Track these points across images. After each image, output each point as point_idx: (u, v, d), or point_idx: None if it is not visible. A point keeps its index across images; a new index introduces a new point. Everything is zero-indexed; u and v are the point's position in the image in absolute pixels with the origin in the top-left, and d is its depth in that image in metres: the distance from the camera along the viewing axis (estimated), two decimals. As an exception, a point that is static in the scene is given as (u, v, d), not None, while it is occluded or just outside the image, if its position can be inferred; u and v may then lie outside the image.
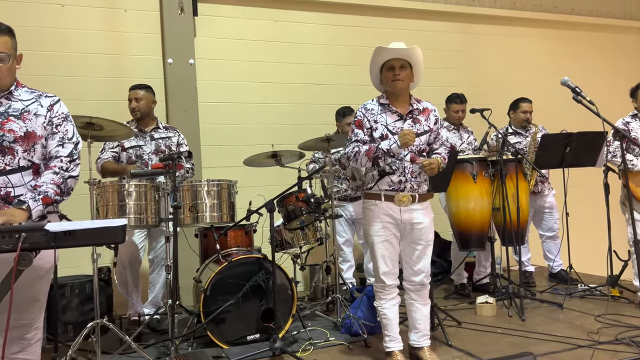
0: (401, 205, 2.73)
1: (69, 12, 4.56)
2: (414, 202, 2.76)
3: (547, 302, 4.06)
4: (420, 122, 2.82)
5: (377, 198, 2.77)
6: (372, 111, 2.81)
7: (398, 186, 2.74)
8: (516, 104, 4.75)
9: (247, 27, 5.12)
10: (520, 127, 4.74)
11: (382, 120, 2.78)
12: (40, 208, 1.99)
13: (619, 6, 6.96)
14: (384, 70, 2.79)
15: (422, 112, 2.85)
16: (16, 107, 2.10)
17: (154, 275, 3.92)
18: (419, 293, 2.85)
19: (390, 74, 2.75)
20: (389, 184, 2.75)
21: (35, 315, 2.11)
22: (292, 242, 3.84)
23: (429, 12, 5.83)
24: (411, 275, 2.83)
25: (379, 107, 2.82)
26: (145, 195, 3.23)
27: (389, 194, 2.75)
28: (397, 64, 2.73)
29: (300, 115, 5.26)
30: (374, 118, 2.79)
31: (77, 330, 3.51)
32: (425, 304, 2.88)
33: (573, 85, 2.85)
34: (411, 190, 2.75)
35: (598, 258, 4.78)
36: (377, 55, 2.78)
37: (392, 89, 2.78)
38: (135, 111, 3.84)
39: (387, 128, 2.77)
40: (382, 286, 2.83)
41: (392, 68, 2.74)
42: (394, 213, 2.74)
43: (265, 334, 3.35)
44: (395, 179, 2.74)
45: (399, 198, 2.72)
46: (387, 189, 2.75)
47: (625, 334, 3.19)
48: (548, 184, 4.74)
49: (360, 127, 2.81)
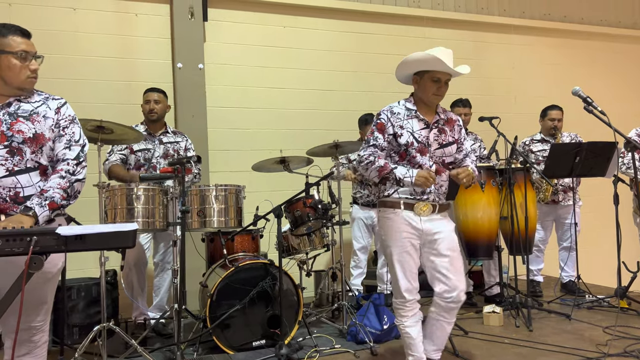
0: (421, 214, 2.57)
1: (81, 16, 4.59)
2: (434, 212, 2.60)
3: (554, 313, 4.03)
4: (446, 133, 2.67)
5: (396, 206, 2.58)
6: (399, 115, 2.64)
7: (420, 196, 2.58)
8: (545, 111, 4.76)
9: (257, 33, 5.14)
10: (548, 135, 4.73)
11: (408, 127, 2.61)
12: (46, 214, 2.00)
13: (629, 16, 6.94)
14: (426, 78, 2.60)
15: (448, 122, 2.71)
16: (25, 109, 2.11)
17: (158, 279, 3.93)
18: (450, 311, 2.63)
19: (435, 86, 2.58)
20: (411, 192, 2.58)
21: (42, 318, 2.11)
22: (299, 248, 3.83)
23: (439, 20, 5.84)
24: (446, 292, 2.57)
25: (405, 111, 2.65)
26: (154, 199, 3.23)
27: (409, 202, 2.57)
28: (444, 79, 2.59)
29: (309, 121, 5.26)
30: (400, 123, 2.62)
31: (83, 333, 3.52)
32: (450, 322, 2.67)
33: (584, 95, 2.83)
34: (433, 201, 2.60)
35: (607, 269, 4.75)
36: (432, 63, 2.54)
37: (429, 101, 2.63)
38: (153, 112, 3.87)
39: (413, 135, 2.60)
40: (402, 302, 2.60)
41: (438, 81, 2.58)
42: (415, 222, 2.57)
43: (271, 340, 3.34)
44: (418, 189, 2.57)
45: (420, 207, 2.56)
46: (407, 197, 2.58)
47: (634, 347, 3.16)
48: (573, 194, 4.65)
49: (382, 131, 2.63)
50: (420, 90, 2.64)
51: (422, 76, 2.61)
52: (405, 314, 2.61)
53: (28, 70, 2.10)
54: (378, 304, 3.56)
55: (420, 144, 2.60)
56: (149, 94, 3.91)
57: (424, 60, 2.56)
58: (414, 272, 2.59)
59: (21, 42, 2.08)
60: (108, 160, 3.84)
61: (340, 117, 5.31)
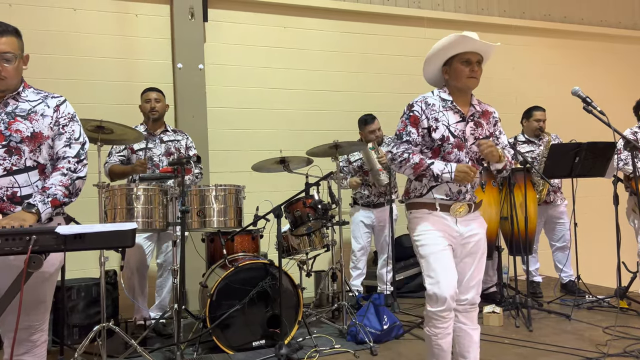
0: (458, 216, 2.37)
1: (81, 16, 4.60)
2: (470, 212, 2.42)
3: (554, 313, 4.03)
4: (483, 127, 2.46)
5: (431, 207, 2.37)
6: (433, 107, 2.40)
7: (457, 196, 2.38)
8: (529, 112, 4.74)
9: (257, 33, 5.15)
10: (533, 136, 4.72)
11: (443, 120, 2.39)
12: (49, 211, 2.00)
13: (629, 17, 6.94)
14: (455, 62, 2.38)
15: (483, 115, 2.49)
16: (23, 108, 2.11)
17: (161, 279, 3.93)
18: (468, 315, 2.44)
19: (467, 68, 2.36)
20: (447, 192, 2.37)
21: (41, 317, 2.11)
22: (299, 248, 3.83)
23: (439, 21, 5.84)
24: (463, 294, 2.40)
25: (440, 102, 2.42)
26: (153, 199, 3.23)
27: (445, 203, 2.37)
28: (474, 59, 2.37)
29: (309, 122, 5.27)
30: (435, 115, 2.39)
31: (82, 333, 3.52)
32: (475, 329, 2.46)
33: (584, 95, 2.83)
34: (469, 200, 2.41)
35: (607, 269, 4.75)
36: (456, 44, 2.35)
37: (465, 85, 2.39)
38: (154, 111, 3.88)
39: (449, 129, 2.38)
40: (441, 311, 2.30)
41: (469, 62, 2.36)
42: (451, 225, 2.37)
43: (271, 340, 3.34)
44: (454, 188, 2.37)
45: (456, 208, 2.36)
46: (443, 197, 2.37)
47: (634, 347, 3.16)
48: (560, 193, 4.71)
49: (416, 125, 2.40)
50: (453, 78, 2.41)
51: (450, 64, 2.41)
52: (442, 325, 2.33)
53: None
54: (378, 304, 3.56)
55: (456, 138, 2.38)
56: (148, 93, 3.93)
57: (447, 45, 2.37)
58: (455, 273, 2.34)
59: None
60: (107, 162, 3.85)
61: (340, 118, 5.31)
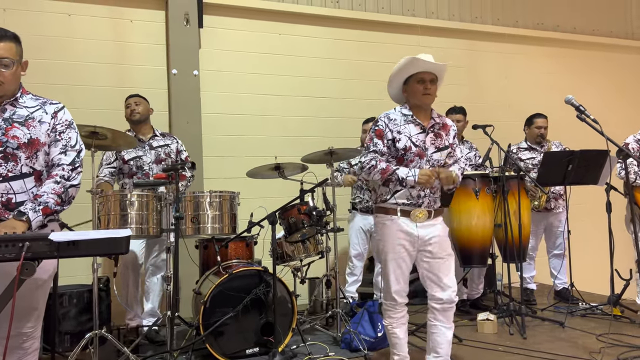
0: (417, 221, 2.65)
1: (76, 21, 4.59)
2: (430, 218, 2.68)
3: (548, 321, 4.04)
4: (442, 137, 2.76)
5: (392, 213, 2.67)
6: (396, 121, 2.72)
7: (416, 200, 2.65)
8: (531, 119, 4.80)
9: (252, 40, 5.15)
10: (535, 143, 4.77)
11: (405, 132, 2.69)
12: (40, 219, 1.98)
13: (621, 26, 7.02)
14: (411, 82, 2.71)
15: (443, 127, 2.79)
16: (21, 114, 2.10)
17: (149, 283, 3.90)
18: (445, 314, 2.69)
19: (421, 87, 2.67)
20: (408, 197, 2.65)
21: (33, 325, 2.09)
22: (293, 255, 3.82)
23: (433, 29, 5.87)
24: (438, 293, 2.67)
25: (402, 117, 2.74)
26: (147, 206, 3.22)
27: (405, 208, 2.65)
28: (428, 78, 2.67)
29: (304, 128, 5.27)
30: (398, 129, 2.70)
31: (74, 341, 3.48)
32: (449, 327, 2.72)
33: (577, 103, 2.85)
34: (428, 205, 2.68)
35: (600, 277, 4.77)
36: (409, 66, 2.68)
37: (420, 102, 2.72)
38: (135, 113, 3.88)
39: (411, 140, 2.68)
40: (392, 304, 2.73)
41: (422, 81, 2.68)
42: (411, 229, 2.65)
43: (265, 348, 3.32)
44: (414, 193, 2.65)
45: (416, 214, 2.64)
46: (404, 202, 2.65)
47: (628, 354, 3.17)
48: (562, 201, 4.72)
49: (381, 137, 2.72)
50: (410, 96, 2.74)
51: (408, 84, 2.73)
52: (395, 316, 2.74)
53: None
54: (372, 312, 3.55)
55: (417, 147, 2.68)
56: (128, 100, 3.96)
57: (402, 67, 2.70)
58: (406, 276, 2.71)
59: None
60: (98, 177, 3.82)
61: (335, 124, 5.32)
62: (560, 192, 4.73)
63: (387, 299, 2.75)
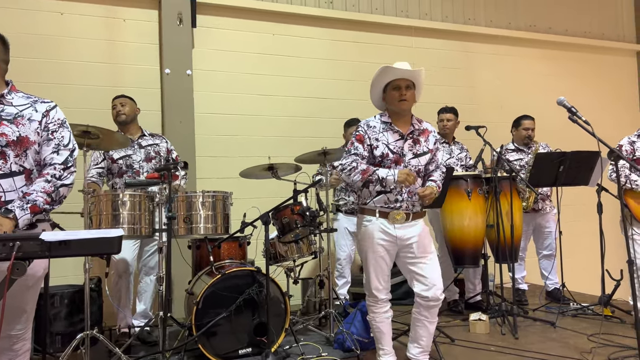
0: (395, 222, 2.76)
1: (68, 20, 4.56)
2: (408, 220, 2.79)
3: (540, 321, 4.06)
4: (420, 143, 2.84)
5: (371, 214, 2.79)
6: (374, 129, 2.82)
7: (394, 205, 2.77)
8: (518, 121, 4.81)
9: (246, 40, 5.15)
10: (522, 144, 4.79)
11: (383, 139, 2.79)
12: (27, 217, 1.96)
13: (612, 28, 7.08)
14: (388, 89, 2.81)
15: (422, 132, 2.87)
16: (9, 112, 2.07)
17: (142, 284, 3.88)
18: (430, 310, 2.80)
19: (397, 93, 2.76)
20: (385, 201, 2.77)
21: (23, 326, 2.07)
22: (286, 255, 3.81)
23: (427, 30, 5.90)
24: (424, 291, 2.76)
25: (381, 125, 2.83)
26: (140, 205, 3.20)
27: (383, 210, 2.77)
28: (403, 84, 2.76)
29: (297, 128, 5.27)
30: (376, 136, 2.80)
31: (65, 341, 3.45)
32: (432, 322, 2.84)
33: (569, 105, 2.87)
34: (406, 209, 2.78)
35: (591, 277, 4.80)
36: (383, 74, 2.79)
37: (398, 108, 2.80)
38: (121, 114, 3.86)
39: (388, 147, 2.78)
40: (374, 300, 2.87)
41: (398, 88, 2.76)
42: (389, 230, 2.76)
43: (258, 348, 3.31)
44: (392, 198, 2.77)
45: (393, 216, 2.75)
46: (382, 205, 2.77)
47: (618, 354, 3.19)
48: (550, 201, 4.77)
49: (361, 142, 2.81)
50: (389, 103, 2.83)
51: (386, 91, 2.83)
52: (377, 310, 2.87)
53: None
54: (365, 312, 3.55)
55: (395, 154, 2.78)
56: (114, 101, 3.93)
57: (377, 76, 2.80)
58: (385, 274, 2.83)
59: None
60: (86, 177, 3.79)
61: (328, 125, 5.32)
62: (547, 193, 4.76)
63: (370, 295, 2.89)
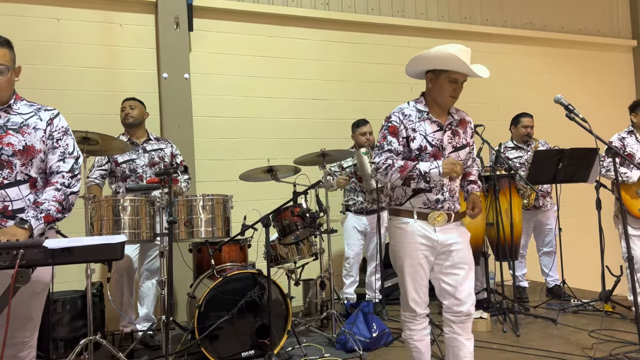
0: (436, 224, 2.39)
1: (65, 26, 4.57)
2: (449, 221, 2.43)
3: (541, 318, 4.07)
4: (459, 135, 2.49)
5: (408, 216, 2.42)
6: (410, 117, 2.43)
7: (435, 205, 2.40)
8: (517, 119, 4.83)
9: (243, 43, 5.15)
10: (521, 142, 4.81)
11: (421, 130, 2.42)
12: (42, 227, 1.97)
13: (608, 25, 7.10)
14: (442, 77, 2.39)
15: (461, 123, 2.52)
16: (15, 121, 2.08)
17: (144, 288, 3.89)
18: (463, 326, 2.44)
19: (451, 87, 2.39)
20: (425, 202, 2.40)
21: (30, 333, 2.08)
22: (287, 257, 3.82)
23: (423, 29, 5.91)
24: (456, 305, 2.41)
25: (417, 113, 2.45)
26: (140, 210, 3.21)
27: (422, 211, 2.40)
28: (461, 79, 2.40)
29: (296, 130, 5.28)
30: (412, 126, 2.42)
31: (68, 347, 3.46)
32: (469, 339, 2.47)
33: (566, 102, 2.88)
34: (447, 210, 2.42)
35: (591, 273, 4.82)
36: (450, 61, 2.34)
37: (444, 103, 2.44)
38: (129, 117, 3.88)
39: (427, 139, 2.41)
40: (412, 316, 2.47)
41: (455, 81, 2.39)
42: (429, 233, 2.39)
43: (260, 351, 3.32)
44: (432, 197, 2.40)
45: (434, 217, 2.39)
46: (421, 207, 2.41)
47: (620, 350, 3.21)
48: (550, 198, 4.78)
49: (395, 134, 2.42)
50: (435, 90, 2.43)
51: (438, 75, 2.41)
52: (414, 327, 2.48)
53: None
54: (367, 312, 3.57)
55: (434, 147, 2.41)
56: (124, 103, 3.97)
57: (444, 58, 2.34)
58: (424, 286, 2.45)
59: None
60: (89, 178, 3.81)
61: (327, 126, 5.34)
62: (547, 190, 4.78)
63: (405, 309, 2.49)
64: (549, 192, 4.79)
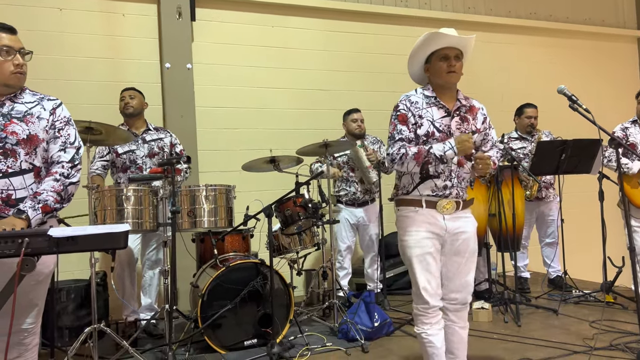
0: (445, 212, 2.35)
1: (68, 16, 4.56)
2: (458, 209, 2.39)
3: (542, 308, 4.09)
4: (469, 121, 2.44)
5: (417, 204, 2.37)
6: (417, 104, 2.40)
7: (443, 192, 2.36)
8: (521, 109, 4.82)
9: (245, 33, 5.14)
10: (525, 133, 4.79)
11: (427, 116, 2.38)
12: (39, 217, 1.98)
13: (613, 15, 7.04)
14: (433, 60, 2.39)
15: (470, 110, 2.47)
16: (19, 110, 2.09)
17: (147, 277, 3.91)
18: (459, 314, 2.44)
19: (445, 64, 2.36)
20: (433, 189, 2.36)
21: (34, 320, 2.10)
22: (289, 247, 3.84)
23: (426, 19, 5.87)
24: (453, 292, 2.41)
25: (424, 99, 2.42)
26: (143, 200, 3.22)
27: (431, 199, 2.36)
28: (452, 54, 2.36)
29: (298, 121, 5.28)
30: (419, 112, 2.39)
31: (72, 335, 3.49)
32: (464, 327, 2.46)
33: (569, 93, 2.87)
34: (456, 196, 2.38)
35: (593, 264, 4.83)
36: (429, 42, 2.35)
37: (445, 81, 2.40)
38: (129, 106, 3.88)
39: (434, 125, 2.38)
40: (425, 308, 2.35)
41: (446, 58, 2.36)
42: (438, 221, 2.35)
43: (263, 339, 3.35)
44: (440, 184, 2.36)
45: (443, 205, 2.35)
46: (429, 194, 2.36)
47: (620, 340, 3.22)
48: (553, 189, 4.78)
49: (405, 122, 2.38)
50: (433, 75, 2.43)
51: (430, 62, 2.43)
52: (428, 321, 2.36)
53: (12, 65, 2.07)
54: (369, 302, 3.59)
55: (441, 133, 2.37)
56: (123, 93, 3.96)
57: (422, 43, 2.39)
58: (436, 276, 2.37)
59: (4, 37, 2.07)
60: (91, 169, 3.82)
61: (329, 117, 5.32)
62: (550, 181, 4.77)
63: (417, 302, 2.38)
64: (552, 183, 4.78)
